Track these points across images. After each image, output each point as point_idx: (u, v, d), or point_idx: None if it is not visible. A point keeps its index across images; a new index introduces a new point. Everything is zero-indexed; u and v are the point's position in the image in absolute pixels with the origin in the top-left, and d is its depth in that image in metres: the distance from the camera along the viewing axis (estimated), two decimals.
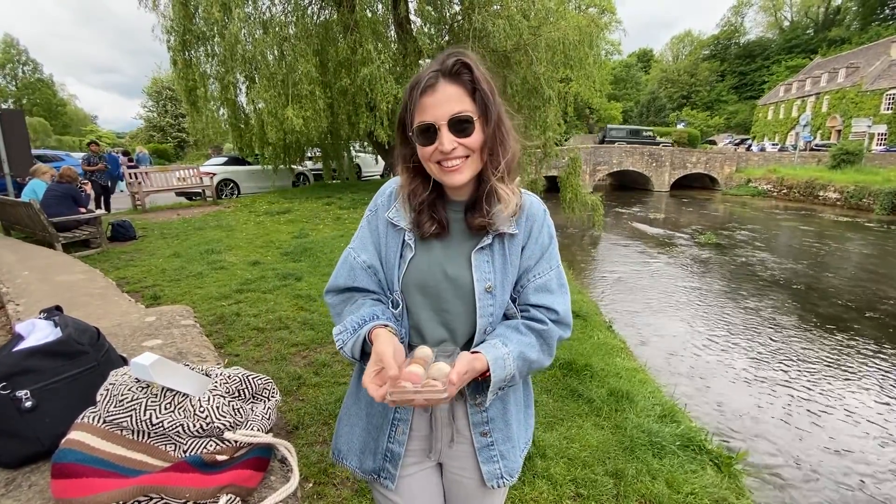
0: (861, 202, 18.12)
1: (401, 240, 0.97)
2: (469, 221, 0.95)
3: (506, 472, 1.04)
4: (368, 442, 1.03)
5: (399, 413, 0.99)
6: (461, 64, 0.87)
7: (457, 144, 0.86)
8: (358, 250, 1.00)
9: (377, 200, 1.04)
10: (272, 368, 3.24)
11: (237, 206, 10.70)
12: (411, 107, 0.88)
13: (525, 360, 0.93)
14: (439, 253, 0.96)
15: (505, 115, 0.92)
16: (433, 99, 0.86)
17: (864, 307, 7.41)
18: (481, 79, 0.87)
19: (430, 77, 0.86)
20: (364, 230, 1.02)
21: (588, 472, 2.43)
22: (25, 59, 46.94)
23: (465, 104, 0.87)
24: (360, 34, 8.93)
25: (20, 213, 6.14)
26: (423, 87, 0.85)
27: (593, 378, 3.47)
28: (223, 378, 0.92)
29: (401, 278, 0.95)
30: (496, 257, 0.95)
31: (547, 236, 1.00)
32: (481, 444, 1.01)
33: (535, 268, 0.98)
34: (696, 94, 57.16)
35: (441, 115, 0.85)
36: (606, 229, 13.70)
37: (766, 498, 3.25)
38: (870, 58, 34.68)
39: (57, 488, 0.71)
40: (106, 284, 3.12)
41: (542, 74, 8.97)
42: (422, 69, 0.91)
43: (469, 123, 0.86)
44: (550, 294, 0.98)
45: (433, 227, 0.94)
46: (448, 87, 0.86)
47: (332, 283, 1.02)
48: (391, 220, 0.98)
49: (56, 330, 1.02)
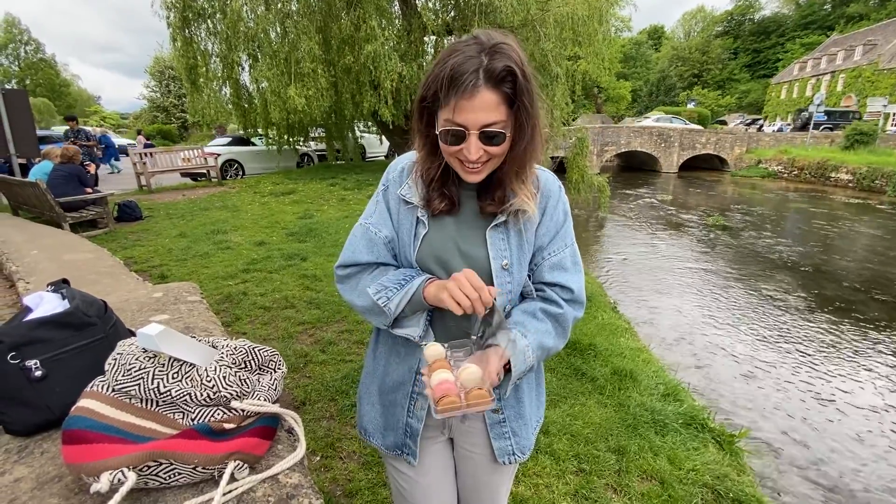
0: (873, 184, 17.77)
1: (414, 217, 0.95)
2: (481, 205, 0.93)
3: (517, 448, 1.05)
4: (389, 419, 1.04)
5: (418, 386, 0.99)
6: (507, 72, 0.78)
7: (483, 152, 0.83)
8: (378, 225, 0.98)
9: (388, 176, 1.01)
10: (279, 346, 3.28)
11: (242, 187, 10.70)
12: (442, 97, 0.81)
13: (543, 348, 0.93)
14: (452, 229, 0.94)
15: (540, 121, 0.86)
16: (470, 104, 0.78)
17: (872, 289, 7.35)
18: (524, 90, 0.80)
19: (472, 78, 0.77)
20: (380, 204, 1.00)
21: (591, 449, 2.47)
22: (27, 38, 46.45)
23: (501, 114, 0.80)
24: (363, 10, 8.73)
25: (27, 194, 6.17)
26: (461, 89, 0.77)
27: (597, 357, 3.49)
28: (229, 349, 0.93)
29: (415, 255, 0.94)
30: (511, 234, 0.93)
31: (562, 213, 0.99)
32: (493, 421, 1.02)
33: (549, 245, 0.97)
34: (707, 73, 55.73)
35: (473, 123, 0.80)
36: (613, 211, 13.59)
37: (768, 475, 3.28)
38: (888, 34, 33.56)
39: (68, 454, 0.73)
40: (113, 263, 3.14)
41: (550, 51, 8.77)
42: (458, 51, 0.79)
43: (500, 135, 0.82)
44: (565, 272, 0.98)
45: (443, 203, 0.92)
46: (487, 95, 0.78)
47: (348, 258, 0.98)
48: (403, 197, 0.96)
49: (64, 302, 1.03)
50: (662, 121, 29.64)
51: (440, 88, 0.80)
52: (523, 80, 0.79)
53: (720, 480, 2.34)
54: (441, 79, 0.79)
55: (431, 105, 0.85)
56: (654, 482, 2.29)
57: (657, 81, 53.93)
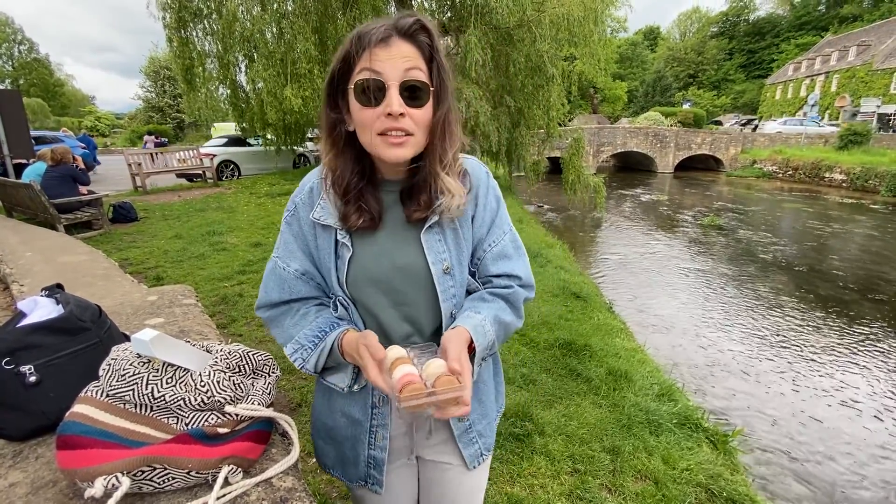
0: (867, 184, 17.90)
1: (332, 239, 0.86)
2: (407, 213, 0.85)
3: (484, 448, 1.01)
4: (348, 453, 0.98)
5: (376, 419, 0.93)
6: (420, 25, 0.75)
7: (405, 113, 0.74)
8: (285, 259, 0.90)
9: (295, 199, 0.91)
10: (275, 349, 3.26)
11: (238, 188, 10.67)
12: (353, 57, 0.74)
13: (501, 323, 0.88)
14: (383, 242, 0.86)
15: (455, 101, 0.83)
16: (386, 52, 0.72)
17: (865, 289, 7.41)
18: (441, 49, 0.77)
19: (383, 30, 0.73)
20: (286, 234, 0.91)
21: (585, 449, 2.48)
22: (21, 38, 46.23)
23: (421, 69, 0.75)
24: (359, 11, 8.73)
25: (21, 195, 6.14)
26: (374, 38, 0.72)
27: (592, 358, 3.51)
28: (223, 354, 0.93)
29: (344, 280, 0.85)
30: (447, 233, 0.86)
31: (494, 199, 0.92)
32: (460, 431, 0.97)
33: (488, 236, 0.92)
34: (702, 73, 56.05)
35: (392, 73, 0.72)
36: (609, 211, 13.63)
37: (761, 474, 3.31)
38: (881, 35, 33.81)
39: (62, 459, 0.73)
40: (108, 265, 3.13)
41: (546, 52, 8.78)
42: (364, 24, 0.76)
43: (423, 92, 0.75)
44: (509, 260, 0.93)
45: (362, 218, 0.82)
46: (403, 46, 0.74)
47: (262, 300, 0.92)
48: (317, 221, 0.86)
49: (58, 307, 1.03)
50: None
51: (350, 50, 0.74)
52: (437, 41, 0.76)
53: (714, 480, 2.36)
54: (350, 41, 0.74)
55: (341, 80, 0.78)
56: (649, 482, 2.31)
57: (653, 82, 54.10)
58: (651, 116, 30.43)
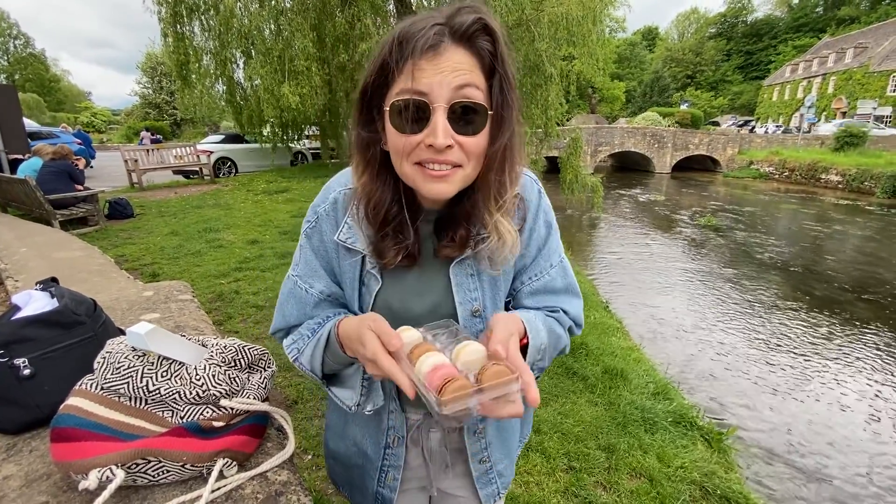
0: (863, 185, 18.01)
1: (359, 266, 0.73)
2: (437, 248, 0.71)
3: (503, 486, 0.92)
4: (357, 482, 0.91)
5: (388, 460, 0.84)
6: (482, 25, 0.58)
7: (454, 143, 0.58)
8: (307, 279, 0.77)
9: (318, 209, 0.76)
10: (271, 346, 3.26)
11: (235, 185, 10.64)
12: (392, 68, 0.58)
13: (552, 332, 0.74)
14: (412, 280, 0.74)
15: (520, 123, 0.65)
16: (433, 64, 0.56)
17: (860, 290, 7.46)
18: (507, 57, 0.59)
19: (432, 34, 0.56)
20: (306, 250, 0.77)
21: (581, 447, 2.49)
22: (16, 32, 45.92)
23: (477, 85, 0.58)
24: (358, 8, 8.72)
25: (16, 190, 6.10)
26: (420, 45, 0.56)
27: (588, 356, 3.52)
28: (219, 348, 0.93)
29: (368, 310, 0.74)
30: (482, 266, 0.72)
31: (544, 225, 0.77)
32: (479, 472, 0.87)
33: (531, 267, 0.77)
34: (700, 74, 56.31)
35: (440, 92, 0.56)
36: (606, 210, 13.66)
37: (755, 472, 3.33)
38: (879, 37, 34.02)
39: (56, 452, 0.73)
40: (104, 261, 3.12)
41: (545, 51, 8.78)
42: (409, 21, 0.59)
43: (479, 115, 0.59)
44: (555, 296, 0.78)
45: (399, 257, 0.69)
46: (457, 54, 0.57)
47: (280, 324, 0.81)
48: (343, 243, 0.73)
49: (53, 301, 1.02)
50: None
51: (389, 58, 0.58)
52: (503, 46, 0.59)
53: (708, 477, 2.37)
54: (389, 46, 0.58)
55: (377, 94, 0.62)
56: (643, 479, 2.32)
57: (651, 82, 54.28)
58: (649, 117, 30.55)
